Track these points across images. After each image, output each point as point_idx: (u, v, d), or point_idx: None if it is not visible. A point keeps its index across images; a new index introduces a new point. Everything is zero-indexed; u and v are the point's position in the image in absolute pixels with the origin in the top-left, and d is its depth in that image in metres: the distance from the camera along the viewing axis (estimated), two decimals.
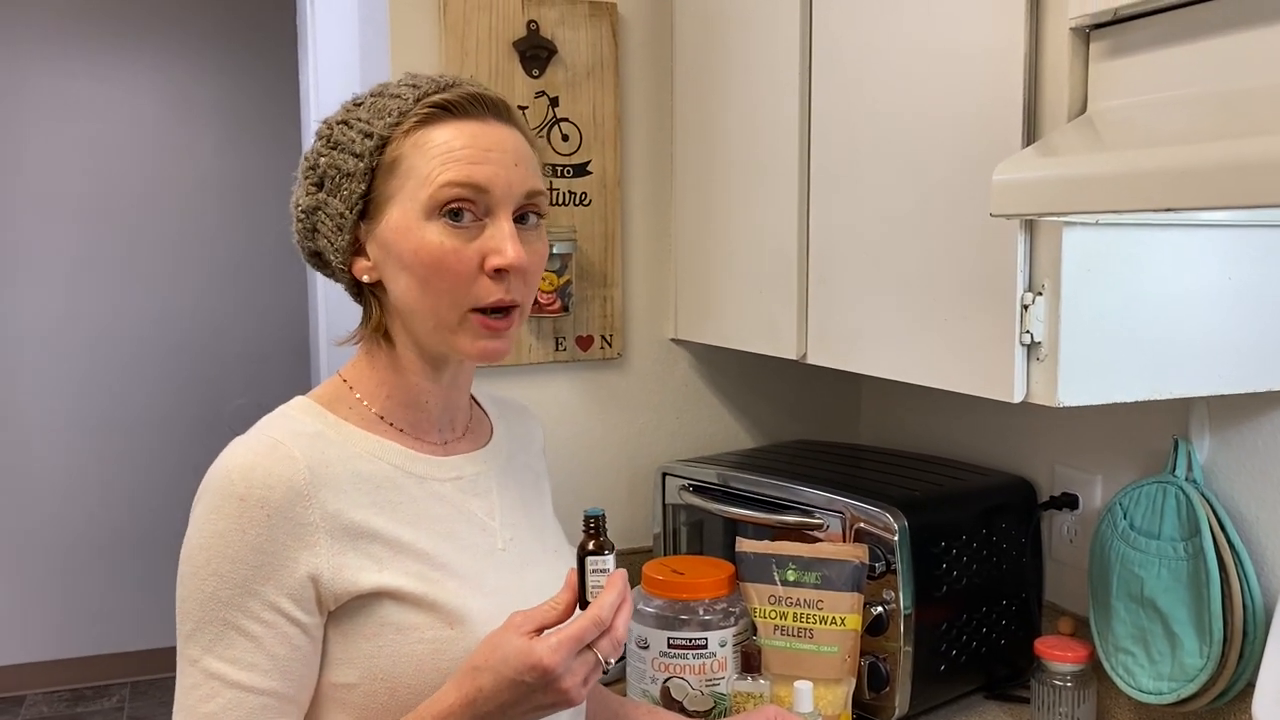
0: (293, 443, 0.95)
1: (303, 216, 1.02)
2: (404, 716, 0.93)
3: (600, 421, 1.83)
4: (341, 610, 0.94)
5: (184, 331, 3.99)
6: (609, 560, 0.94)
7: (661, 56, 1.83)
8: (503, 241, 0.95)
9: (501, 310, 0.97)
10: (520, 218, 0.98)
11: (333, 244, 1.00)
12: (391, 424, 1.03)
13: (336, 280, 1.05)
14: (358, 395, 1.03)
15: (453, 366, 1.04)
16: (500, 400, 1.21)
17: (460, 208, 0.95)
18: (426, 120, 0.96)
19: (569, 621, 0.91)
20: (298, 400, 1.02)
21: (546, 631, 0.90)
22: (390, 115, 0.97)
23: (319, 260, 1.04)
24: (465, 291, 0.96)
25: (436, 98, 0.97)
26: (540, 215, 1.00)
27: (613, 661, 0.92)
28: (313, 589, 0.92)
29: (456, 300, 0.96)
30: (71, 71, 3.78)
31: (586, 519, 0.95)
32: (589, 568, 0.94)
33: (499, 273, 0.95)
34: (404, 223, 0.96)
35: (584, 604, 0.93)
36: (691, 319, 1.80)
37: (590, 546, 0.94)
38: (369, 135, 0.97)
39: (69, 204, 3.81)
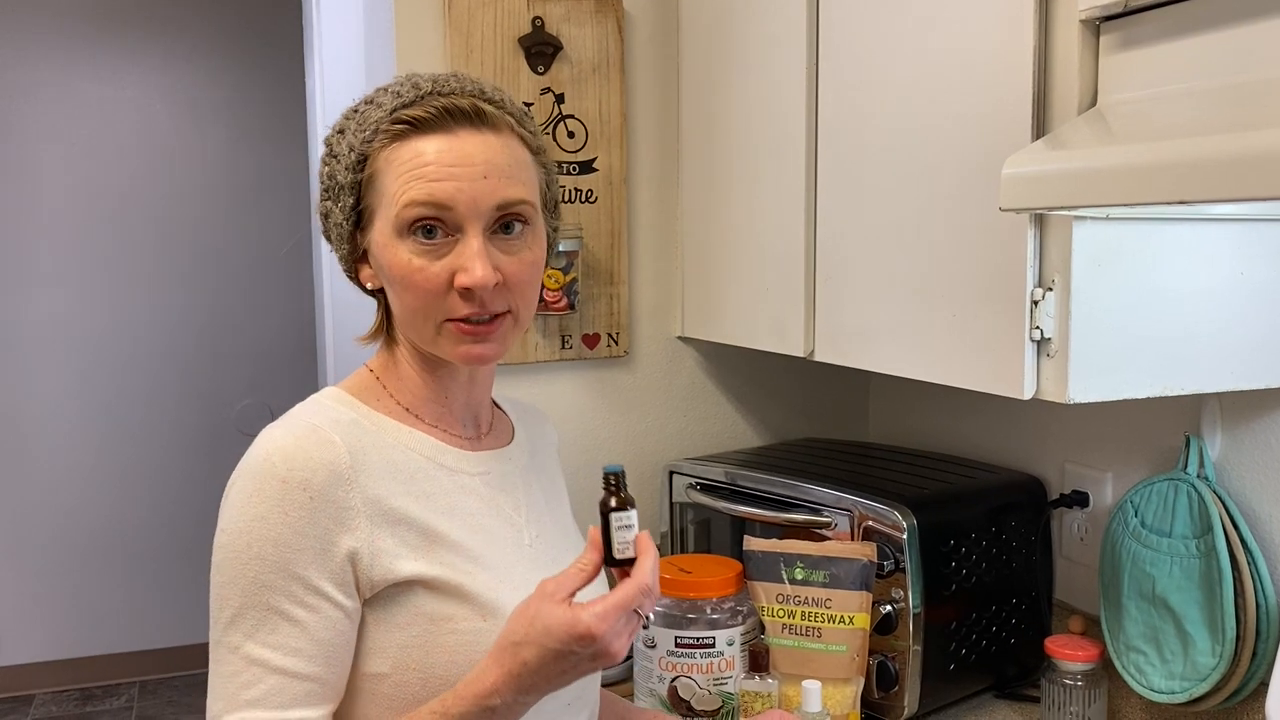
0: (332, 428, 0.95)
1: (322, 221, 1.05)
2: (442, 694, 0.92)
3: (607, 420, 1.83)
4: (376, 598, 0.94)
5: (191, 332, 4.00)
6: (633, 515, 0.94)
7: (668, 53, 1.82)
8: (469, 260, 0.94)
9: (481, 317, 0.97)
10: (505, 226, 0.97)
11: (338, 250, 1.03)
12: (419, 416, 1.04)
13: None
14: (386, 387, 1.04)
15: (466, 369, 1.05)
16: (518, 404, 1.22)
17: (431, 225, 0.95)
18: (397, 136, 0.96)
19: (613, 589, 0.91)
20: (330, 390, 1.03)
21: (583, 595, 0.91)
22: (368, 129, 0.97)
23: None
24: (437, 307, 0.96)
25: (405, 113, 0.96)
26: (525, 222, 0.99)
27: (651, 617, 0.92)
28: (352, 571, 0.92)
29: (430, 315, 0.97)
30: (79, 73, 3.79)
31: (606, 475, 0.95)
32: (614, 524, 0.93)
33: (468, 290, 0.95)
34: (382, 239, 0.97)
35: (610, 560, 0.93)
36: (698, 317, 1.80)
37: (613, 503, 0.94)
38: (353, 149, 0.98)
39: (76, 205, 3.82)
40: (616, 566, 0.94)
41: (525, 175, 0.99)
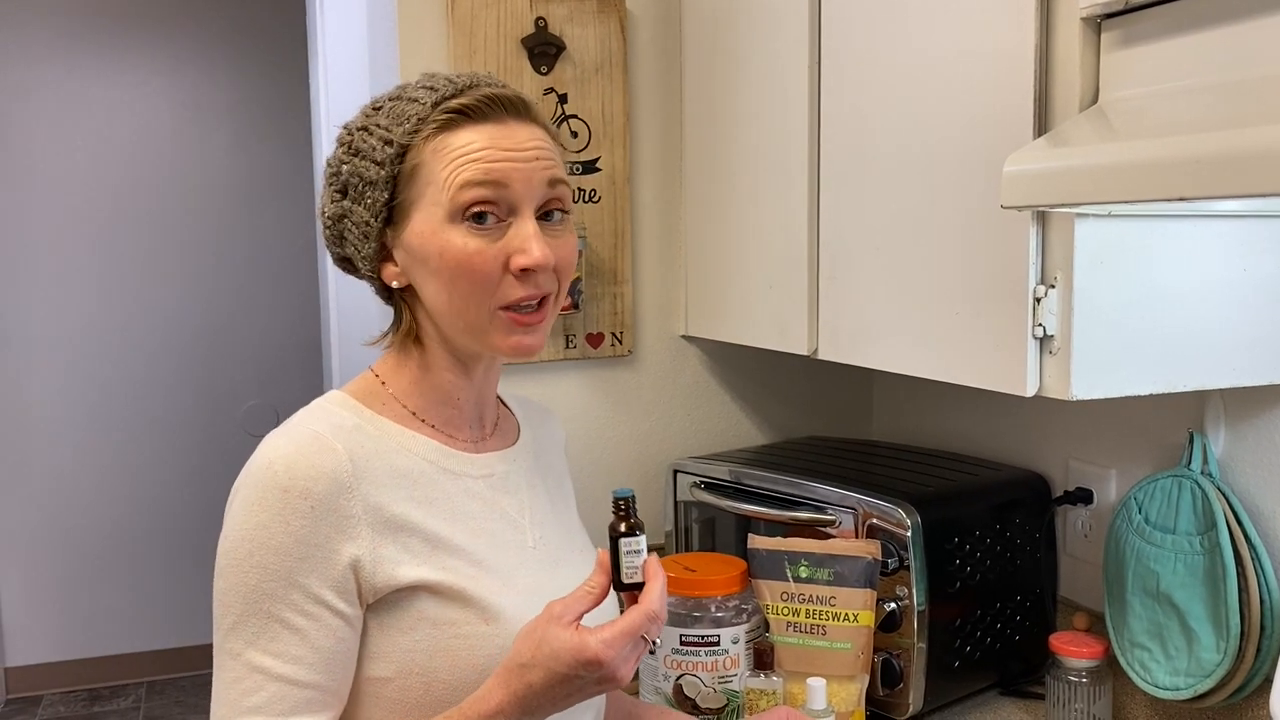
0: (334, 435, 0.95)
1: (330, 224, 1.03)
2: (446, 711, 0.93)
3: (611, 419, 1.83)
4: (379, 603, 0.94)
5: (196, 333, 4.01)
6: (642, 541, 0.95)
7: (670, 53, 1.82)
8: (527, 241, 0.95)
9: (530, 305, 0.97)
10: (545, 215, 0.98)
11: (360, 251, 1.01)
12: (424, 420, 1.03)
13: (368, 283, 1.06)
14: (391, 391, 1.03)
15: (484, 364, 1.05)
16: (524, 401, 1.21)
17: (483, 210, 0.95)
18: (445, 126, 0.96)
19: (622, 614, 0.91)
20: (333, 394, 1.02)
21: (589, 619, 0.91)
22: (409, 122, 0.97)
23: (349, 265, 1.05)
24: (492, 292, 0.96)
25: (454, 103, 0.96)
26: (565, 211, 1.00)
27: (659, 641, 0.93)
28: (354, 580, 0.92)
29: (483, 301, 0.96)
30: (83, 73, 3.80)
31: (616, 500, 0.96)
32: (623, 549, 0.94)
33: (525, 272, 0.95)
34: (428, 228, 0.96)
35: (619, 585, 0.94)
36: (702, 316, 1.80)
37: (622, 528, 0.95)
38: (389, 143, 0.97)
39: (80, 205, 3.83)
40: (624, 590, 0.94)
41: (562, 164, 1.01)
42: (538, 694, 0.89)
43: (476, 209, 0.95)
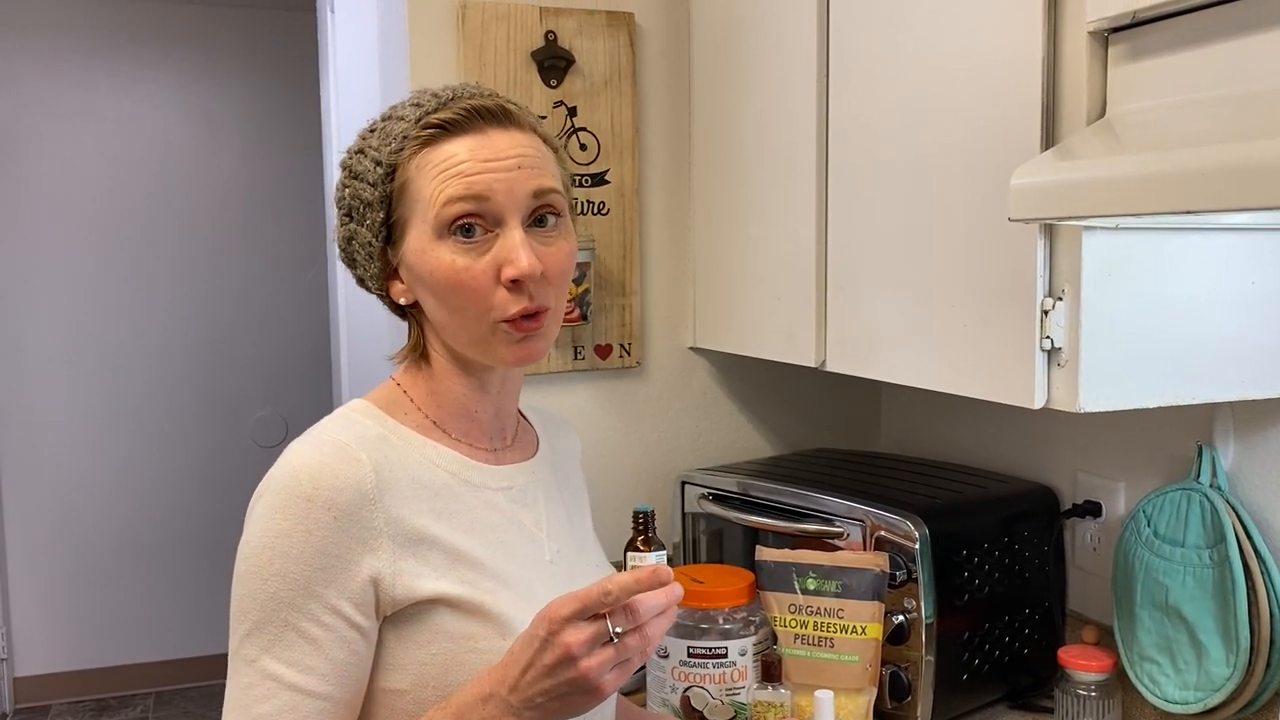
0: (359, 446, 0.95)
1: (343, 247, 1.04)
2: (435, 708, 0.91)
3: (619, 430, 1.83)
4: (398, 615, 0.94)
5: (206, 344, 4.02)
6: (649, 557, 0.92)
7: (679, 66, 1.83)
8: (513, 251, 0.95)
9: (528, 314, 0.97)
10: (538, 220, 0.98)
11: (368, 271, 1.03)
12: (445, 431, 1.03)
13: (380, 301, 1.07)
14: (413, 401, 1.04)
15: (499, 376, 1.05)
16: (542, 412, 1.21)
17: (469, 224, 0.95)
18: (427, 142, 0.97)
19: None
20: (357, 403, 1.03)
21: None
22: (395, 140, 0.98)
23: (365, 286, 1.06)
24: (486, 306, 0.96)
25: (433, 118, 0.97)
26: (558, 214, 0.99)
27: (619, 632, 0.83)
28: (373, 593, 0.92)
29: (479, 315, 0.96)
30: (96, 86, 3.83)
31: (635, 515, 0.94)
32: (629, 564, 0.93)
33: (515, 283, 0.95)
34: (420, 245, 0.97)
35: None
36: (710, 327, 1.80)
37: (638, 544, 0.93)
38: (379, 163, 0.98)
39: (91, 216, 3.85)
40: None
41: (552, 169, 1.00)
42: (508, 675, 0.86)
43: (462, 223, 0.95)
